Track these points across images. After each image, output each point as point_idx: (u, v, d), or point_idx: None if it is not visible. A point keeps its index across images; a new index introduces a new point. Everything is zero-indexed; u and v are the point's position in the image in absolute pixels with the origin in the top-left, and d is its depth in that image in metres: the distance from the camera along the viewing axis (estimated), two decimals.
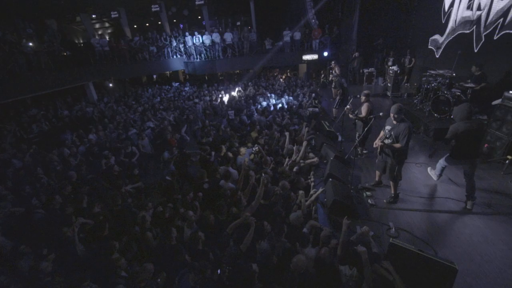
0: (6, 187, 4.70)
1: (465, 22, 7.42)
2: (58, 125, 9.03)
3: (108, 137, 7.24)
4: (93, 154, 6.09)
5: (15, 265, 2.90)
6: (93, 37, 12.86)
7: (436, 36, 8.88)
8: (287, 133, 5.72)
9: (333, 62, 11.06)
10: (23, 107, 10.90)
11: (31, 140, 7.77)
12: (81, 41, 16.41)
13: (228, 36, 13.88)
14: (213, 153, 5.44)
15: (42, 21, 12.96)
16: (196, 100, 10.73)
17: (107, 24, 19.90)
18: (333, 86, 10.90)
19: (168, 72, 18.61)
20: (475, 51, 7.02)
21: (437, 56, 8.91)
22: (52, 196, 4.01)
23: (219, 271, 2.56)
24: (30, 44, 10.19)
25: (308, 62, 14.61)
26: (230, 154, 5.10)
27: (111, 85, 16.48)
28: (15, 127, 8.36)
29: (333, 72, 11.14)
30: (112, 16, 14.92)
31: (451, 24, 8.11)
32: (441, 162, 4.32)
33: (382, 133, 4.30)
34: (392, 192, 4.31)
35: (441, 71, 7.25)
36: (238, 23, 18.36)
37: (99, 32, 17.11)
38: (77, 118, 9.57)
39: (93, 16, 15.52)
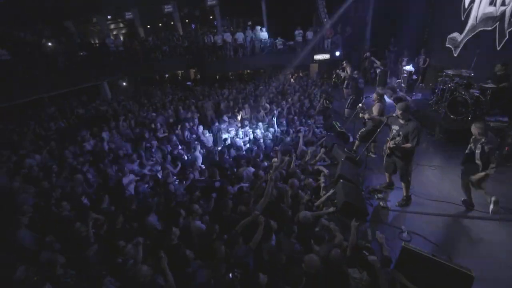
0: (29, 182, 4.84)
1: (487, 19, 7.11)
2: (75, 123, 9.34)
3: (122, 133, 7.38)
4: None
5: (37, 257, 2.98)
6: (108, 38, 13.21)
7: (455, 34, 8.56)
8: (300, 134, 5.72)
9: (344, 62, 10.89)
10: (41, 106, 11.33)
11: (49, 137, 8.06)
12: (97, 42, 16.89)
13: (240, 36, 13.93)
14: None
15: (60, 23, 13.47)
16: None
17: (121, 25, 20.42)
18: (344, 86, 10.71)
19: (180, 71, 18.87)
20: (498, 49, 6.72)
21: (455, 55, 8.59)
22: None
23: (230, 275, 2.56)
24: (49, 44, 10.60)
25: (320, 62, 14.45)
26: None
27: (124, 84, 16.89)
28: (34, 125, 8.70)
29: (345, 71, 10.96)
30: (127, 17, 15.31)
31: (471, 21, 7.80)
32: None
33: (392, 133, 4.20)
34: (404, 194, 4.19)
35: (458, 71, 6.98)
36: (250, 23, 18.41)
37: (114, 33, 17.55)
38: (92, 116, 9.87)
39: (109, 17, 15.96)
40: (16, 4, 10.57)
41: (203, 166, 5.66)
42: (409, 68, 9.47)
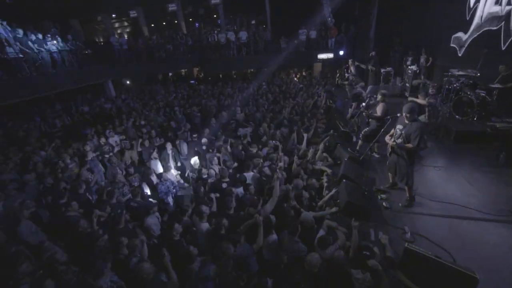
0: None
1: (493, 18, 7.02)
2: (79, 121, 9.42)
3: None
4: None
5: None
6: (112, 36, 13.27)
7: (460, 34, 8.46)
8: (305, 134, 5.74)
9: (350, 60, 10.81)
10: (47, 103, 11.43)
11: (55, 134, 8.14)
12: (101, 40, 17.00)
13: (243, 35, 13.91)
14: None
15: (66, 21, 13.56)
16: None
17: (125, 23, 20.50)
18: (347, 85, 10.63)
19: (183, 70, 18.92)
20: (503, 49, 6.63)
21: (459, 55, 8.49)
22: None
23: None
24: (55, 42, 10.66)
25: (324, 61, 14.39)
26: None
27: (128, 82, 16.99)
28: (39, 122, 8.79)
29: (349, 71, 10.90)
30: (131, 15, 15.37)
31: (476, 20, 7.70)
32: None
33: (392, 130, 4.18)
34: (408, 195, 4.16)
35: (464, 71, 6.90)
36: (253, 22, 18.37)
37: (118, 31, 17.63)
38: (96, 114, 9.95)
39: (113, 15, 16.03)
40: (18, 3, 10.65)
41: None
42: (414, 67, 9.39)
